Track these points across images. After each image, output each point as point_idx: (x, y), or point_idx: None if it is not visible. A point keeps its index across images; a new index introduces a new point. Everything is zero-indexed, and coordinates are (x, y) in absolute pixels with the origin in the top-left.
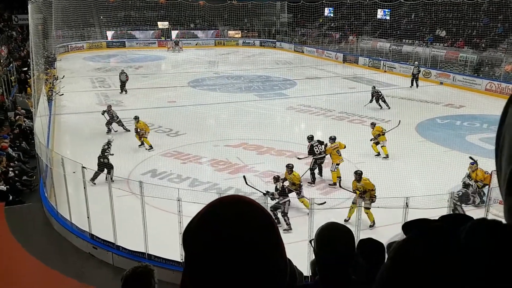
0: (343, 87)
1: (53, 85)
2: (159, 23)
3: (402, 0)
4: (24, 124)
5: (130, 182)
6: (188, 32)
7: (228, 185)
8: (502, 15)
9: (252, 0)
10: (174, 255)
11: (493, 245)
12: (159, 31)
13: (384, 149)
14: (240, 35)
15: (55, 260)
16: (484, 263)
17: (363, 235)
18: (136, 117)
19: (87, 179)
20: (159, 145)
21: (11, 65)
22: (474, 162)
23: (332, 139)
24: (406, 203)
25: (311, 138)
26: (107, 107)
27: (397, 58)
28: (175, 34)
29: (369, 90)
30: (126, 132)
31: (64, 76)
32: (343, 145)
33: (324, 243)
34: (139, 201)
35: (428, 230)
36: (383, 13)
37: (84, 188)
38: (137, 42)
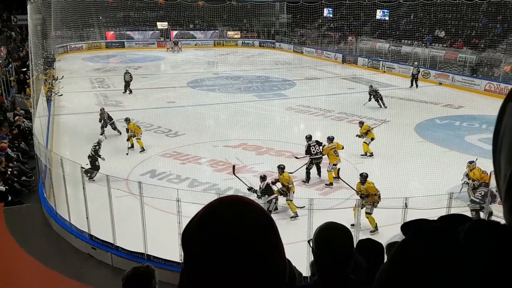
0: (342, 88)
1: (52, 85)
2: (158, 23)
3: (401, 1)
4: (23, 125)
5: (129, 183)
6: (187, 33)
7: (227, 185)
8: (501, 16)
9: (251, 1)
10: (173, 255)
11: (492, 246)
12: (159, 31)
13: (364, 146)
14: (239, 36)
15: (54, 261)
16: (484, 263)
17: (363, 236)
18: (127, 119)
19: (86, 179)
20: (158, 146)
21: (10, 65)
22: (473, 161)
23: (330, 139)
24: (405, 203)
25: (309, 138)
26: (100, 110)
27: (396, 59)
28: (175, 34)
29: (368, 91)
30: (118, 135)
31: (63, 77)
32: (341, 146)
33: (322, 242)
34: (138, 201)
35: (427, 231)
36: (382, 14)
37: (83, 188)
38: (136, 42)
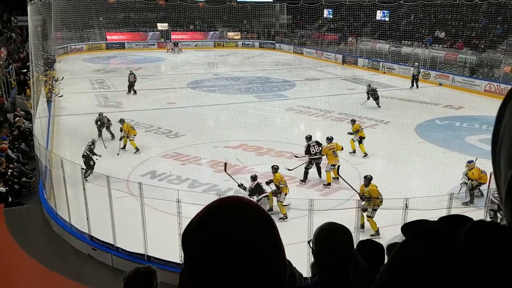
0: (343, 88)
1: (52, 86)
2: (158, 24)
3: (401, 2)
4: (23, 126)
5: (129, 184)
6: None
7: (228, 186)
8: (501, 16)
9: (251, 2)
10: (173, 256)
11: (492, 247)
12: (159, 32)
13: (352, 143)
14: (239, 37)
15: (54, 262)
16: (484, 264)
17: (363, 238)
18: (122, 120)
19: (85, 180)
20: (158, 147)
21: (10, 66)
22: (472, 161)
23: (329, 140)
24: (406, 204)
25: (309, 138)
26: (99, 115)
27: (396, 60)
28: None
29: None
30: (112, 139)
31: (63, 78)
32: (340, 147)
33: (322, 243)
34: (139, 202)
35: (427, 232)
36: (382, 15)
37: (83, 189)
38: (136, 43)
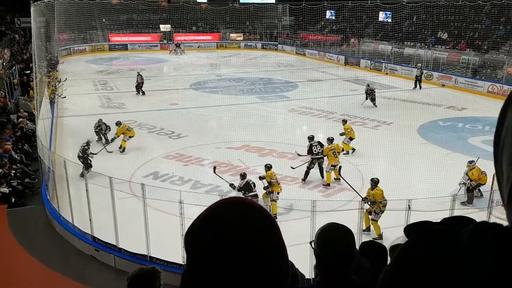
0: (345, 90)
1: (55, 87)
2: (161, 26)
3: (403, 3)
4: (26, 127)
5: (132, 185)
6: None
7: (230, 187)
8: (504, 18)
9: (254, 3)
10: (176, 257)
11: (496, 248)
12: (162, 34)
13: (345, 145)
14: (242, 38)
15: (57, 262)
16: (487, 265)
17: (366, 239)
18: (118, 122)
19: (88, 181)
20: (161, 148)
21: (13, 68)
22: (473, 161)
23: (330, 141)
24: (409, 205)
25: (311, 138)
26: (98, 121)
27: (399, 61)
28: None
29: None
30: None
31: (66, 79)
32: (341, 148)
33: (324, 243)
34: (141, 203)
35: (429, 233)
36: (384, 16)
37: (86, 190)
38: (139, 45)
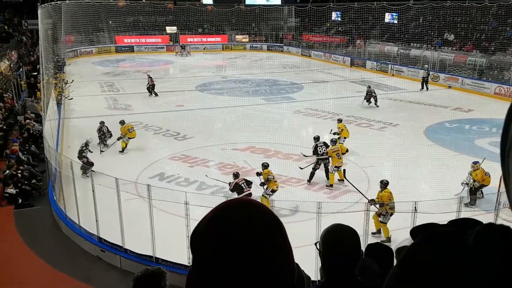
0: (351, 91)
1: (62, 89)
2: (167, 28)
3: (410, 4)
4: (32, 129)
5: (138, 186)
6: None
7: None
8: (511, 19)
9: (259, 5)
10: (181, 258)
11: (503, 250)
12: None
13: (341, 146)
14: (247, 40)
15: (63, 263)
16: (494, 268)
17: (372, 241)
18: (122, 121)
19: (95, 182)
20: (166, 149)
21: (21, 69)
22: (477, 162)
23: (333, 142)
24: (415, 207)
25: (317, 139)
26: (100, 124)
27: (405, 62)
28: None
29: (376, 94)
30: (104, 147)
31: (73, 81)
32: (345, 149)
33: (330, 244)
34: (147, 204)
35: (436, 235)
36: (391, 17)
37: (93, 191)
38: (145, 46)
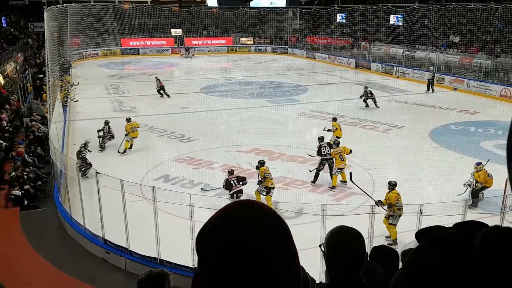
0: (355, 93)
1: (68, 91)
2: (172, 30)
3: (415, 6)
4: (37, 131)
5: (143, 188)
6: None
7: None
8: None
9: (264, 7)
10: (186, 260)
11: (509, 253)
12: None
13: (345, 148)
14: (252, 42)
15: (68, 264)
16: (500, 271)
17: (378, 243)
18: (128, 119)
19: (100, 184)
20: (171, 151)
21: (27, 72)
22: (480, 163)
23: (336, 144)
24: (420, 210)
25: (321, 139)
26: (105, 123)
27: (410, 64)
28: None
29: (381, 96)
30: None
31: (78, 83)
32: (348, 150)
33: (334, 246)
34: (152, 206)
35: (441, 238)
36: (395, 19)
37: (98, 193)
38: (151, 49)
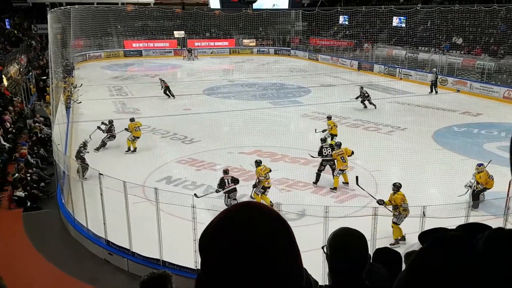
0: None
1: (71, 93)
2: (175, 32)
3: (418, 8)
4: (40, 133)
5: (145, 189)
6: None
7: (242, 192)
8: None
9: (267, 9)
10: (188, 262)
11: None
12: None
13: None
14: (254, 44)
15: (71, 266)
16: (503, 273)
17: (381, 244)
18: (131, 119)
19: (103, 186)
20: (174, 152)
21: (30, 73)
22: (482, 164)
23: (337, 145)
24: (423, 212)
25: (323, 140)
26: (109, 123)
27: (413, 66)
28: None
29: (384, 98)
30: (101, 149)
31: (82, 85)
32: (350, 151)
33: (337, 248)
34: (154, 207)
35: (444, 240)
36: (398, 21)
37: (101, 194)
38: (153, 51)
